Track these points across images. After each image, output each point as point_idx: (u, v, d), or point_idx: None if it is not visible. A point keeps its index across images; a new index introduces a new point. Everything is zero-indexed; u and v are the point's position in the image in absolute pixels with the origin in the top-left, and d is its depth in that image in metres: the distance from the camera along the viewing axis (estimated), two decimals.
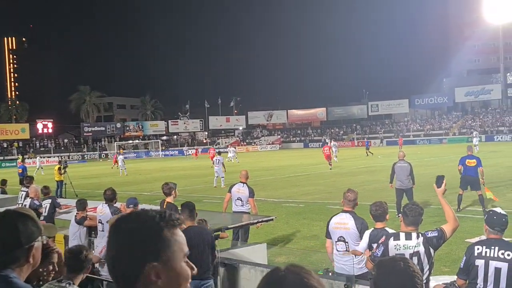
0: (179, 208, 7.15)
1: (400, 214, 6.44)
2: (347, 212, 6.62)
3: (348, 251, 6.36)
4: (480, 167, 14.57)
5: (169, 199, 8.64)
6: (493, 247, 4.72)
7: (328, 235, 6.77)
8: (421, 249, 4.96)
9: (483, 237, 5.06)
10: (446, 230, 5.03)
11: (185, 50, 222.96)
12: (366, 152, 47.52)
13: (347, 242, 6.43)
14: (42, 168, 42.95)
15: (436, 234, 5.01)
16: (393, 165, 14.62)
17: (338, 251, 6.52)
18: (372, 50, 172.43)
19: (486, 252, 4.73)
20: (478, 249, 4.79)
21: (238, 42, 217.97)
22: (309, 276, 1.47)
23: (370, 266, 5.41)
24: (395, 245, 5.06)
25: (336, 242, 6.55)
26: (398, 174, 14.24)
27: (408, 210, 5.14)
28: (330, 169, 31.56)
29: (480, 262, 4.73)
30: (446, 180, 5.23)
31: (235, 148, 55.73)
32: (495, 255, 4.67)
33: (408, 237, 5.05)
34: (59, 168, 24.87)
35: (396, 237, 5.13)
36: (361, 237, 6.27)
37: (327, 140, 50.38)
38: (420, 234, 5.06)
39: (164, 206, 8.49)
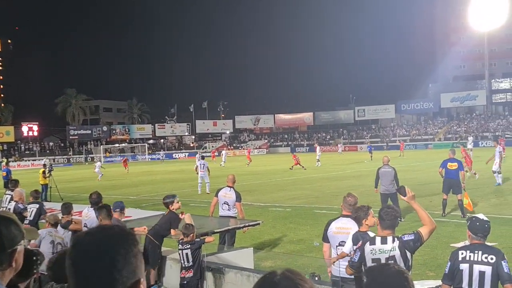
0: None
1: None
2: (347, 217, 6.54)
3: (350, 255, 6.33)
4: (462, 170, 14.75)
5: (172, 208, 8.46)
6: (476, 251, 4.77)
7: (326, 240, 6.67)
8: (397, 252, 4.98)
9: (467, 242, 5.10)
10: (423, 233, 5.06)
11: (173, 54, 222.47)
12: (370, 157, 47.29)
13: None
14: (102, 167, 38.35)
15: (413, 237, 5.03)
16: (377, 170, 14.69)
17: (338, 255, 6.45)
18: (359, 56, 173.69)
19: (470, 256, 4.77)
20: (462, 253, 4.83)
21: (226, 46, 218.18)
22: (303, 283, 1.47)
23: (349, 272, 5.44)
24: (371, 250, 5.09)
25: (337, 246, 6.46)
26: (382, 179, 14.30)
27: (384, 214, 5.17)
28: (305, 169, 35.78)
29: (464, 266, 4.77)
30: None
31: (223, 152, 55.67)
32: (479, 259, 4.72)
33: (384, 241, 5.08)
34: (44, 172, 24.67)
35: (372, 241, 5.16)
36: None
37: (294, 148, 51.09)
38: (396, 238, 5.08)
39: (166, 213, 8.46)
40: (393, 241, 5.05)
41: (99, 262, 1.47)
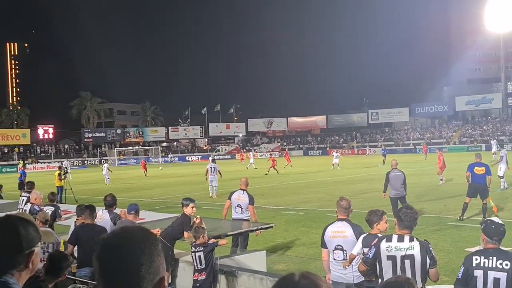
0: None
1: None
2: (343, 220, 6.51)
3: (346, 259, 6.29)
4: (489, 175, 14.34)
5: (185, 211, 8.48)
6: (491, 257, 4.69)
7: (324, 245, 6.62)
8: (416, 253, 4.96)
9: (482, 247, 5.04)
10: (433, 272, 5.08)
11: (186, 58, 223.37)
12: (383, 160, 45.51)
13: (345, 251, 6.33)
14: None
15: (433, 255, 5.04)
16: (387, 174, 14.61)
17: (335, 260, 6.43)
18: (372, 59, 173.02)
19: (484, 262, 4.69)
20: (476, 259, 4.75)
21: (239, 49, 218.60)
22: (322, 283, 1.52)
23: (362, 268, 5.43)
24: (386, 247, 5.08)
25: (333, 251, 6.43)
26: (392, 182, 14.24)
27: (403, 214, 5.16)
28: (277, 172, 37.19)
29: (479, 273, 4.70)
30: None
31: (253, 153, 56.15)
32: (494, 265, 4.65)
33: (401, 239, 5.07)
34: (59, 174, 24.91)
35: (389, 239, 5.16)
36: None
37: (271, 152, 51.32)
38: (415, 238, 5.07)
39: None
40: (411, 240, 5.04)
41: (127, 262, 1.54)
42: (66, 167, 32.07)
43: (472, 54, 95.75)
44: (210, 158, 32.43)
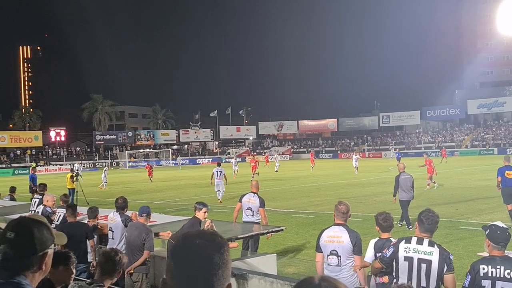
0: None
1: (410, 227, 6.46)
2: (339, 225, 6.41)
3: (340, 265, 6.20)
4: None
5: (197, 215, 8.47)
6: (499, 267, 4.62)
7: (318, 249, 6.54)
8: (435, 262, 4.90)
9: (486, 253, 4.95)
10: (449, 279, 4.95)
11: (197, 61, 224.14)
12: (397, 164, 45.30)
13: (339, 256, 6.23)
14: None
15: (452, 266, 4.96)
16: (396, 178, 14.61)
17: (329, 265, 6.33)
18: (384, 62, 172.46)
19: (492, 272, 4.61)
20: (483, 268, 4.66)
21: (249, 52, 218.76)
22: (341, 285, 1.55)
23: (378, 266, 5.40)
24: (405, 248, 5.07)
25: (328, 256, 6.33)
26: (402, 186, 14.25)
27: (425, 217, 5.14)
28: (253, 176, 35.39)
29: (486, 283, 4.62)
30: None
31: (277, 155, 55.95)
32: (502, 275, 4.57)
33: (420, 241, 5.05)
34: (71, 176, 25.07)
35: (408, 240, 5.15)
36: (354, 250, 6.18)
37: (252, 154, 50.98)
38: (436, 244, 5.02)
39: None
40: (430, 244, 5.00)
41: (201, 266, 1.59)
42: (77, 170, 32.25)
43: (484, 57, 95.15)
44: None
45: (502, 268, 4.60)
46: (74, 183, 24.56)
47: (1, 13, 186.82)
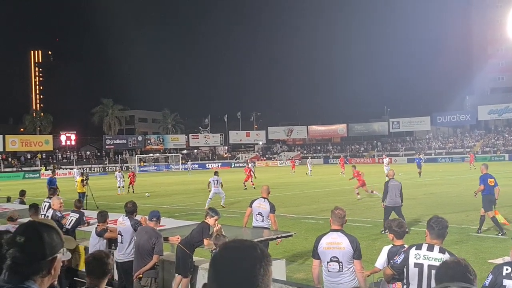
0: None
1: (387, 231, 6.44)
2: (337, 231, 6.39)
3: (342, 271, 6.15)
4: (497, 186, 14.28)
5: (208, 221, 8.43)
6: None
7: (316, 256, 6.50)
8: None
9: (507, 258, 4.94)
10: None
11: (207, 66, 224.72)
12: (419, 173, 39.81)
13: (341, 262, 6.19)
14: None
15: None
16: (386, 184, 14.90)
17: (330, 271, 6.28)
18: (394, 67, 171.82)
19: None
20: (507, 269, 4.64)
21: (259, 57, 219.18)
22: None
23: (389, 272, 5.38)
24: (415, 254, 5.07)
25: (328, 262, 6.29)
26: (391, 192, 14.49)
27: (434, 223, 5.13)
28: (245, 188, 31.83)
29: (508, 283, 4.59)
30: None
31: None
32: None
33: (430, 248, 5.05)
34: (82, 180, 25.20)
35: (418, 247, 5.16)
36: (355, 255, 6.17)
37: (249, 162, 47.80)
38: (446, 251, 5.01)
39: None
40: (441, 251, 5.00)
41: (242, 277, 1.61)
42: (87, 174, 32.38)
43: (495, 63, 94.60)
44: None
45: None
46: (85, 187, 24.69)
47: (13, 18, 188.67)
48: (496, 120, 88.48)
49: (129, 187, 34.20)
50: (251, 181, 33.04)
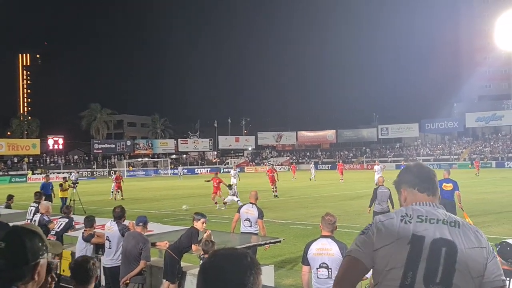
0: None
1: None
2: (327, 237, 6.38)
3: (331, 277, 6.09)
4: (457, 191, 14.40)
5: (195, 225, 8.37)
6: (508, 278, 4.59)
7: (305, 262, 6.49)
8: None
9: None
10: None
11: (196, 70, 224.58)
12: None
13: (330, 268, 6.18)
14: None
15: None
16: (374, 190, 15.06)
17: (319, 278, 6.26)
18: (383, 74, 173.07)
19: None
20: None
21: (248, 63, 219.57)
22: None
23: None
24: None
25: (317, 268, 6.28)
26: (379, 198, 14.66)
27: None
28: (275, 195, 29.88)
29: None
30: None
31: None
32: None
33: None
34: (61, 184, 25.09)
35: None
36: None
37: (272, 163, 47.25)
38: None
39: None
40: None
41: (231, 286, 1.61)
42: (76, 179, 32.13)
43: (483, 71, 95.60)
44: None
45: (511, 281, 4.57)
46: (67, 191, 24.62)
47: (1, 21, 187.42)
48: (483, 127, 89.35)
49: (117, 192, 31.87)
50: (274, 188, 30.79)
